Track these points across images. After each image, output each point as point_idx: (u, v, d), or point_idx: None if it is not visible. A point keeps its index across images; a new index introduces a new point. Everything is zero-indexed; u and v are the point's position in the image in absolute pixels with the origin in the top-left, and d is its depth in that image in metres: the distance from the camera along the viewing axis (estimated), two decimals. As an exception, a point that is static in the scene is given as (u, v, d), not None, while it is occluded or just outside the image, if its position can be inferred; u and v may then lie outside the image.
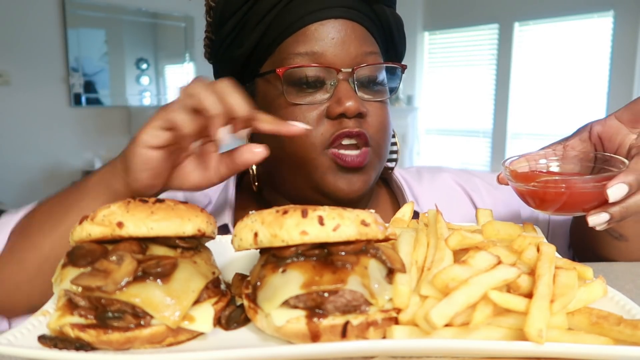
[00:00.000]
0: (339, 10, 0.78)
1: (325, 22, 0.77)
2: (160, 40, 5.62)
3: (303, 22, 0.77)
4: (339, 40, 0.77)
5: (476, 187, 0.99)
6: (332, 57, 0.77)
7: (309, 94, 0.78)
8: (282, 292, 0.46)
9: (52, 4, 4.74)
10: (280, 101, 0.79)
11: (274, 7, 0.77)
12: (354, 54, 0.78)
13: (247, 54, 0.81)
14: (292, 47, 0.78)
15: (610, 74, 4.81)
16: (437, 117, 6.29)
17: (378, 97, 0.81)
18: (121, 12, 5.20)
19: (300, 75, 0.77)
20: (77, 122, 5.02)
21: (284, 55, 0.78)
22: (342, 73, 0.77)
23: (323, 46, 0.77)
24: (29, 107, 4.69)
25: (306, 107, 0.78)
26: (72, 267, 0.49)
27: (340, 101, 0.76)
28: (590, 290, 0.50)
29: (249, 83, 0.85)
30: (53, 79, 4.83)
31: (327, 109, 0.77)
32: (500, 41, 5.57)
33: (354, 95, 0.77)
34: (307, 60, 0.77)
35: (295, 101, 0.78)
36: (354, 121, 0.77)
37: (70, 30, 4.85)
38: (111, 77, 5.27)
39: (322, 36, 0.77)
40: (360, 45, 0.79)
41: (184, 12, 5.58)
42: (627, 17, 4.67)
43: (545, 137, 5.36)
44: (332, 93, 0.77)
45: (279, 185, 0.87)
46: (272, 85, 0.80)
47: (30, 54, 4.63)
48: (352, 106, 0.75)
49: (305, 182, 0.81)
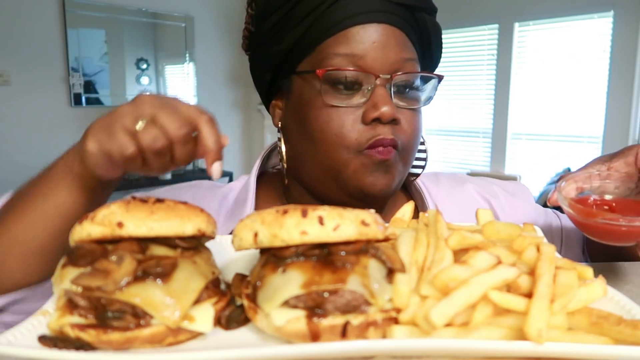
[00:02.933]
0: (381, 15, 0.78)
1: (367, 25, 0.77)
2: (160, 40, 5.62)
3: (345, 25, 0.77)
4: (379, 45, 0.78)
5: (495, 194, 1.00)
6: (372, 61, 0.77)
7: (346, 97, 0.78)
8: (282, 292, 0.46)
9: (52, 4, 4.74)
10: (317, 101, 0.79)
11: (317, 7, 0.78)
12: (393, 59, 0.78)
13: (286, 50, 0.82)
14: (332, 48, 0.78)
15: (610, 74, 4.81)
16: (437, 117, 6.29)
17: (412, 104, 0.82)
18: (121, 12, 5.20)
19: (338, 76, 0.78)
20: (77, 122, 5.02)
21: (324, 55, 0.78)
22: (380, 79, 0.78)
23: (363, 49, 0.77)
24: (29, 107, 4.69)
25: (343, 110, 0.78)
26: (72, 267, 0.49)
27: (376, 106, 0.77)
28: (590, 290, 0.50)
29: (285, 79, 0.85)
30: (53, 79, 4.83)
31: (363, 114, 0.78)
32: (500, 41, 5.57)
33: (389, 102, 0.77)
34: (346, 62, 0.77)
35: (333, 103, 0.78)
36: (388, 128, 0.78)
37: (70, 30, 4.85)
38: (111, 77, 5.27)
39: (363, 39, 0.77)
40: (399, 51, 0.79)
41: (184, 12, 5.58)
42: (627, 17, 4.67)
43: (545, 137, 5.36)
44: (369, 97, 0.78)
45: (306, 182, 0.87)
46: (309, 84, 0.81)
47: (30, 54, 4.63)
48: (387, 111, 0.76)
49: (333, 180, 0.81)
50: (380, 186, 0.80)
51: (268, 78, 0.87)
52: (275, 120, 0.90)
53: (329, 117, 0.78)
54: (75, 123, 5.01)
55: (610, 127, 4.89)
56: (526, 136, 5.57)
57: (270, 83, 0.88)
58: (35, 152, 4.79)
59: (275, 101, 0.90)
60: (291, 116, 0.85)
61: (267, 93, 0.91)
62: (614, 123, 4.85)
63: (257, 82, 0.91)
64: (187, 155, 0.62)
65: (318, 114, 0.79)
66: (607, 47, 4.81)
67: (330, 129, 0.78)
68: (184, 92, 5.80)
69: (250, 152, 6.33)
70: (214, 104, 5.84)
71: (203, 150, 0.61)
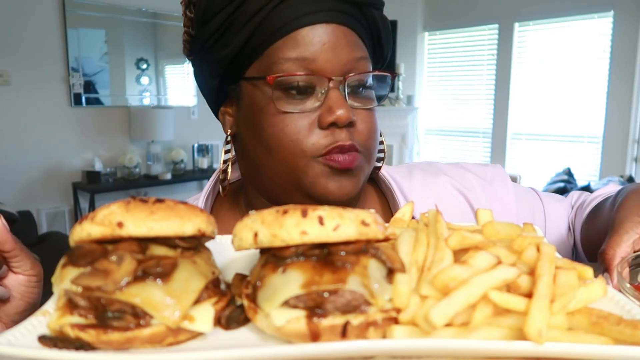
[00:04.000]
0: (330, 14, 0.75)
1: (316, 26, 0.75)
2: (160, 40, 5.62)
3: (293, 26, 0.75)
4: (330, 46, 0.75)
5: (471, 184, 0.96)
6: (324, 64, 0.75)
7: (300, 102, 0.76)
8: (282, 292, 0.46)
9: (52, 4, 4.75)
10: (269, 108, 0.77)
11: (263, 9, 0.74)
12: (344, 60, 0.76)
13: (233, 55, 0.78)
14: (282, 51, 0.75)
15: (610, 74, 4.81)
16: (437, 117, 6.30)
17: (367, 104, 0.80)
18: (121, 12, 5.20)
19: (291, 82, 0.75)
20: (77, 122, 5.03)
21: (273, 60, 0.76)
22: (333, 81, 0.76)
23: (314, 52, 0.75)
24: (29, 107, 4.69)
25: (297, 115, 0.76)
26: (72, 267, 0.49)
27: (331, 110, 0.75)
28: (590, 290, 0.50)
29: (233, 85, 0.83)
30: (53, 79, 4.84)
31: (319, 118, 0.76)
32: (500, 41, 5.57)
33: (344, 104, 0.75)
34: (297, 65, 0.75)
35: (286, 109, 0.76)
36: (345, 132, 0.76)
37: (70, 30, 4.85)
38: (111, 77, 5.27)
39: (313, 41, 0.75)
40: (351, 51, 0.77)
41: (184, 12, 5.57)
42: (627, 18, 4.67)
43: (545, 137, 5.36)
44: (323, 101, 0.76)
45: (267, 189, 0.85)
46: (259, 90, 0.78)
47: (30, 54, 4.64)
48: (343, 115, 0.74)
49: (294, 187, 0.80)
50: (347, 191, 0.78)
51: (215, 84, 0.84)
52: (226, 127, 0.87)
53: (283, 123, 0.76)
54: (75, 123, 5.01)
55: (610, 127, 4.89)
56: (526, 136, 5.57)
57: (217, 89, 0.85)
58: (35, 152, 4.80)
59: (225, 108, 0.87)
60: (243, 124, 0.82)
61: (215, 99, 0.87)
62: (614, 123, 4.85)
63: (203, 88, 0.88)
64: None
65: (272, 121, 0.76)
66: (607, 47, 4.82)
67: (285, 136, 0.76)
68: (184, 92, 5.80)
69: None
70: (214, 104, 5.84)
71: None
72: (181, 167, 5.52)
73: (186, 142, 5.70)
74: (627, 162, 4.84)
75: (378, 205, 0.97)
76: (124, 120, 5.34)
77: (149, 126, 5.17)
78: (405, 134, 6.30)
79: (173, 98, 5.77)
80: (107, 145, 5.23)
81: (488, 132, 5.84)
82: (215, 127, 3.94)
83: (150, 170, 5.36)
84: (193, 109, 5.84)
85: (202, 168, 5.74)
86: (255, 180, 0.86)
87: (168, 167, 5.49)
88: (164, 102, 5.69)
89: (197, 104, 5.84)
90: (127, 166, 5.11)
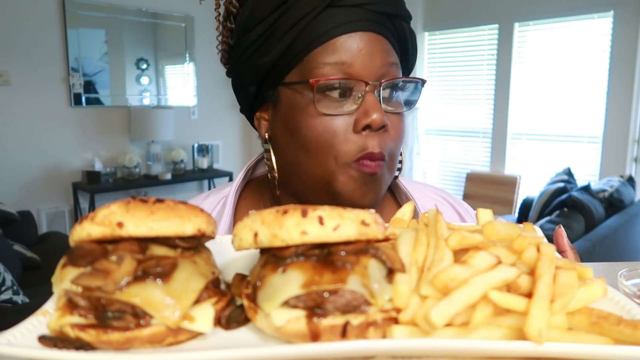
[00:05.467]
0: (366, 24, 0.80)
1: (353, 34, 0.79)
2: (160, 40, 5.62)
3: (332, 34, 0.79)
4: (366, 52, 0.80)
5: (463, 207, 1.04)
6: (361, 68, 0.79)
7: (338, 105, 0.80)
8: (282, 292, 0.46)
9: (52, 4, 4.75)
10: (309, 110, 0.80)
11: (303, 18, 0.79)
12: (379, 65, 0.81)
13: (273, 62, 0.82)
14: (322, 57, 0.79)
15: (610, 74, 4.81)
16: (437, 117, 6.29)
17: (398, 109, 0.85)
18: (121, 12, 5.20)
19: (330, 85, 0.79)
20: (77, 122, 5.03)
21: (313, 65, 0.80)
22: (370, 85, 0.80)
23: (352, 57, 0.79)
24: (29, 107, 4.70)
25: (335, 118, 0.80)
26: (72, 267, 0.49)
27: (367, 113, 0.78)
28: (590, 290, 0.50)
29: (271, 91, 0.86)
30: (53, 79, 4.84)
31: (355, 121, 0.80)
32: (500, 41, 5.57)
33: (380, 108, 0.79)
34: (336, 70, 0.79)
35: (326, 111, 0.79)
36: (377, 139, 0.80)
37: (70, 30, 4.85)
38: (111, 77, 5.27)
39: (351, 47, 0.79)
40: (384, 58, 0.81)
41: (184, 12, 5.58)
42: (627, 18, 4.67)
43: (545, 137, 5.36)
44: (359, 104, 0.80)
45: (299, 191, 0.88)
46: (299, 94, 0.82)
47: (30, 54, 4.64)
48: (378, 118, 0.78)
49: (324, 190, 0.83)
50: (369, 199, 0.82)
51: (253, 91, 0.88)
52: (262, 131, 0.91)
53: (322, 125, 0.79)
54: (75, 123, 5.01)
55: (610, 127, 4.89)
56: (526, 136, 5.57)
57: (255, 95, 0.89)
58: (35, 152, 4.80)
59: (260, 113, 0.90)
60: (280, 127, 0.86)
61: (250, 105, 0.91)
62: (614, 123, 4.85)
63: (240, 95, 0.92)
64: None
65: (311, 122, 0.80)
66: (607, 47, 4.81)
67: (323, 139, 0.80)
68: (184, 92, 5.80)
69: (250, 152, 6.34)
70: (214, 104, 5.84)
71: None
72: (181, 167, 5.52)
73: (186, 142, 5.70)
74: (627, 162, 4.83)
75: None
76: (124, 120, 5.34)
77: (149, 126, 5.17)
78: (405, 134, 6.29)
79: (173, 98, 5.77)
80: (107, 145, 5.23)
81: (488, 132, 5.84)
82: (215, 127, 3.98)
83: (150, 170, 5.36)
84: (193, 109, 5.84)
85: (202, 168, 5.74)
86: (290, 181, 0.89)
87: (168, 167, 5.49)
88: (164, 102, 5.69)
89: (197, 104, 5.84)
90: (127, 166, 5.11)
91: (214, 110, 5.89)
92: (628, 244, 3.87)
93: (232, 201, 0.94)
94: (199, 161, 5.74)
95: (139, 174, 5.24)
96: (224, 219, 0.92)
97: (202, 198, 0.99)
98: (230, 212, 0.93)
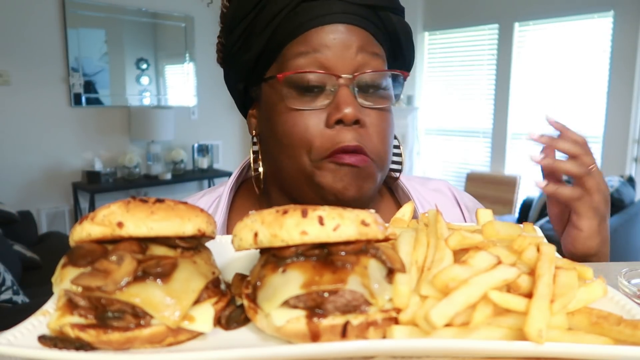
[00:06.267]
0: (342, 16, 0.78)
1: (328, 26, 0.77)
2: (160, 40, 5.62)
3: (306, 27, 0.77)
4: (340, 45, 0.77)
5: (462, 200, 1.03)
6: (333, 62, 0.77)
7: (310, 100, 0.78)
8: (282, 292, 0.46)
9: (52, 4, 4.74)
10: (281, 106, 0.79)
11: (280, 13, 0.78)
12: (354, 58, 0.78)
13: (254, 58, 0.82)
14: (295, 51, 0.78)
15: (610, 74, 4.81)
16: (437, 117, 6.29)
17: (379, 104, 0.81)
18: (121, 12, 5.20)
19: (300, 80, 0.77)
20: (77, 122, 5.03)
21: (287, 59, 0.79)
22: (343, 79, 0.77)
23: (324, 50, 0.77)
24: (29, 107, 4.69)
25: (307, 113, 0.78)
26: (72, 267, 0.49)
27: (339, 107, 0.76)
28: (590, 290, 0.50)
29: (255, 87, 0.86)
30: (53, 79, 4.83)
31: (327, 116, 0.77)
32: (500, 41, 5.57)
33: (352, 102, 0.76)
34: (308, 63, 0.77)
35: (296, 106, 0.78)
36: (352, 132, 0.77)
37: (70, 30, 4.85)
38: (111, 77, 5.27)
39: (323, 40, 0.77)
40: (361, 51, 0.78)
41: (184, 12, 5.58)
42: (627, 17, 4.67)
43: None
44: (332, 99, 0.77)
45: (286, 186, 0.87)
46: (274, 90, 0.81)
47: (30, 54, 4.64)
48: (349, 113, 0.75)
49: (306, 185, 0.81)
50: (354, 192, 0.79)
51: (241, 88, 0.89)
52: (251, 129, 0.91)
53: (293, 121, 0.78)
54: (75, 123, 5.01)
55: (610, 127, 4.89)
56: (526, 136, 5.56)
57: (244, 93, 0.89)
58: (35, 152, 4.80)
59: (252, 110, 0.91)
60: (263, 124, 0.86)
61: (243, 103, 0.92)
62: (614, 123, 4.85)
63: (233, 93, 0.93)
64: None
65: (283, 119, 0.79)
66: (607, 47, 4.81)
67: (294, 134, 0.78)
68: (184, 92, 5.80)
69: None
70: (214, 104, 5.84)
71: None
72: (181, 167, 5.52)
73: (186, 142, 5.70)
74: (627, 162, 4.83)
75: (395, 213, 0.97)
76: (124, 120, 5.34)
77: (149, 126, 5.17)
78: (405, 134, 6.30)
79: (173, 98, 5.77)
80: (107, 145, 5.23)
81: (488, 132, 5.84)
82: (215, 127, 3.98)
83: (150, 170, 5.36)
84: (193, 109, 5.84)
85: (202, 168, 5.74)
86: (276, 178, 0.89)
87: (168, 167, 5.49)
88: (164, 102, 5.69)
89: (197, 104, 5.84)
90: (127, 166, 5.11)
91: (214, 110, 5.88)
92: (628, 244, 3.87)
93: (226, 200, 0.93)
94: (199, 161, 5.74)
95: (139, 174, 5.24)
96: (218, 218, 0.91)
97: (197, 197, 0.99)
98: (224, 211, 0.92)
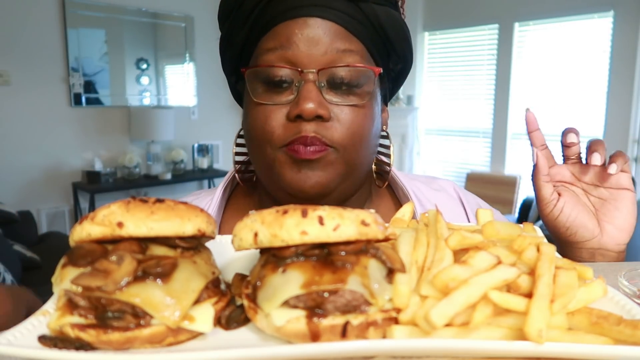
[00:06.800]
0: (314, 9, 0.75)
1: (297, 20, 0.75)
2: (160, 40, 5.62)
3: (276, 21, 0.76)
4: (307, 39, 0.75)
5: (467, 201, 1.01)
6: (300, 57, 0.75)
7: (276, 95, 0.77)
8: (282, 292, 0.46)
9: (52, 4, 4.74)
10: (248, 100, 0.81)
11: (256, 7, 0.78)
12: (322, 53, 0.75)
13: (237, 53, 0.83)
14: (264, 45, 0.78)
15: (610, 74, 4.81)
16: (437, 117, 6.29)
17: (351, 100, 0.78)
18: (121, 12, 5.20)
19: (265, 74, 0.77)
20: (77, 122, 5.02)
21: (257, 54, 0.79)
22: (306, 74, 0.75)
23: (291, 45, 0.75)
24: (29, 107, 4.69)
25: (271, 108, 0.77)
26: (72, 267, 0.49)
27: (298, 102, 0.74)
28: (590, 290, 0.50)
29: (241, 82, 0.86)
30: (53, 79, 4.83)
31: (288, 111, 0.76)
32: (500, 41, 5.57)
33: (315, 98, 0.74)
34: (275, 59, 0.76)
35: (261, 101, 0.78)
36: (311, 125, 0.75)
37: (70, 30, 4.85)
38: (111, 77, 5.27)
39: (289, 34, 0.75)
40: (332, 44, 0.76)
41: (184, 12, 5.58)
42: (627, 17, 4.67)
43: (545, 137, 5.36)
44: (297, 94, 0.76)
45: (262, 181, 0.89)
46: (246, 84, 0.81)
47: (30, 54, 4.64)
48: (308, 108, 0.73)
49: (271, 180, 0.83)
50: (311, 184, 0.77)
51: (233, 82, 0.90)
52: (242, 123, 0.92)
53: (257, 114, 0.78)
54: (75, 123, 5.01)
55: (610, 127, 4.89)
56: (526, 136, 5.56)
57: (235, 88, 0.91)
58: (35, 152, 4.80)
59: None
60: (242, 118, 0.87)
61: (238, 98, 0.93)
62: (614, 123, 4.86)
63: (230, 88, 0.94)
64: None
65: (251, 113, 0.80)
66: (607, 47, 4.81)
67: (257, 127, 0.78)
68: (184, 92, 5.80)
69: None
70: (214, 104, 5.84)
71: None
72: (181, 167, 5.52)
73: (186, 142, 5.70)
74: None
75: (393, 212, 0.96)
76: (124, 120, 5.34)
77: (149, 126, 5.17)
78: (405, 134, 6.30)
79: (173, 98, 5.77)
80: (107, 145, 5.23)
81: (488, 132, 5.84)
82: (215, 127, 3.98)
83: (150, 170, 5.36)
84: (193, 109, 5.84)
85: (202, 168, 5.74)
86: (256, 172, 0.91)
87: (168, 167, 5.49)
88: (164, 102, 5.69)
89: (197, 104, 5.84)
90: (127, 166, 5.11)
91: (214, 110, 5.88)
92: (628, 244, 3.87)
93: (218, 199, 0.94)
94: (199, 161, 5.74)
95: (139, 174, 5.24)
96: None
97: (193, 197, 0.99)
98: (216, 211, 0.92)
